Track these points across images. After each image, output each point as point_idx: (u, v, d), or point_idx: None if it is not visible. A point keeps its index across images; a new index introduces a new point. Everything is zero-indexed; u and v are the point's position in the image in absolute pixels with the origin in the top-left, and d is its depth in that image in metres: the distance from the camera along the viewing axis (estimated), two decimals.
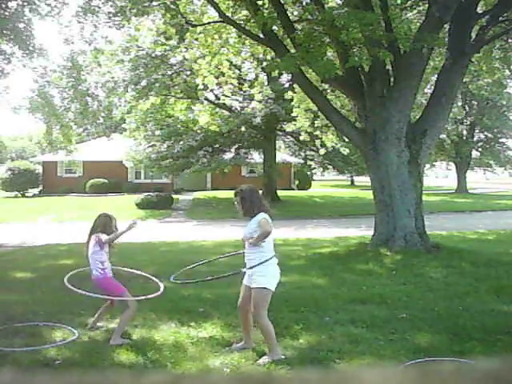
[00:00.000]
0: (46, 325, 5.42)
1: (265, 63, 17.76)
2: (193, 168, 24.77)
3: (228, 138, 25.14)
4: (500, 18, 10.62)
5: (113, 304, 5.57)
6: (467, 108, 35.36)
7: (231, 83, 17.55)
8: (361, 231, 14.97)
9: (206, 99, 22.71)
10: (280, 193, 27.38)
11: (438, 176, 58.64)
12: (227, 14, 11.46)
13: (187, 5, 13.01)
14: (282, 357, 4.51)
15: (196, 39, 14.19)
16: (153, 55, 21.84)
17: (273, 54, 12.05)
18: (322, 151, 23.70)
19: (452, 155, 36.04)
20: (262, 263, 4.58)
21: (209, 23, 12.80)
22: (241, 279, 4.98)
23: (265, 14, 10.10)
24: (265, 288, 4.57)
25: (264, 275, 4.58)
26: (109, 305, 5.58)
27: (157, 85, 20.89)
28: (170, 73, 22.08)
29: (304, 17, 11.24)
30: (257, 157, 28.70)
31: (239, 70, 21.02)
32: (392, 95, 9.97)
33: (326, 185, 47.88)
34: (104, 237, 5.32)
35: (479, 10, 10.78)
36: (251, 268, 4.63)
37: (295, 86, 16.00)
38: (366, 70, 10.32)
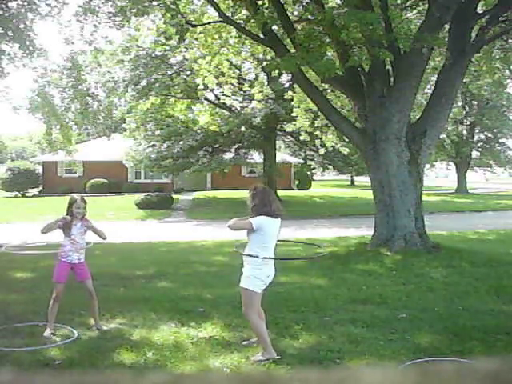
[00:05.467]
0: (45, 325, 5.41)
1: (265, 63, 17.77)
2: (193, 168, 24.76)
3: (228, 138, 25.13)
4: (500, 18, 10.62)
5: (91, 296, 5.49)
6: (467, 108, 35.32)
7: (231, 83, 17.57)
8: (361, 231, 14.96)
9: (206, 99, 22.71)
10: (280, 193, 27.33)
11: (438, 176, 58.70)
12: (227, 14, 11.46)
13: (187, 5, 13.00)
14: (278, 357, 4.49)
15: (196, 39, 14.19)
16: (153, 55, 21.86)
17: (273, 53, 12.05)
18: (322, 151, 23.71)
19: (452, 155, 36.00)
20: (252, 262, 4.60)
21: (209, 23, 12.80)
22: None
23: (265, 14, 10.11)
24: (247, 289, 4.59)
25: (248, 276, 4.60)
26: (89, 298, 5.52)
27: (157, 85, 20.89)
28: (170, 73, 22.07)
29: (304, 17, 11.23)
30: (257, 157, 28.70)
31: (239, 69, 21.04)
32: (392, 95, 9.97)
33: (326, 185, 47.87)
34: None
35: (479, 9, 10.78)
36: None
37: (295, 86, 16.00)
38: (366, 70, 10.32)
